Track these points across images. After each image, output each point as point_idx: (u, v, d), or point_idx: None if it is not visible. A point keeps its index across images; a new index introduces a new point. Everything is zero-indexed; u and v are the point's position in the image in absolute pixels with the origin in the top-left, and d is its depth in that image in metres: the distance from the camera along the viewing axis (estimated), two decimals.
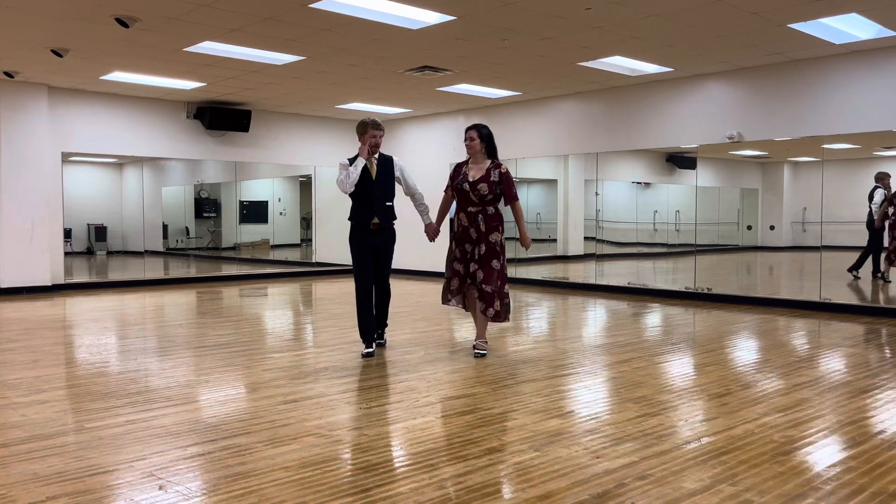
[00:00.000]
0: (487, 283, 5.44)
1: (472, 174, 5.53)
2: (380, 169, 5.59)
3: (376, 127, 5.52)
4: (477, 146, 5.53)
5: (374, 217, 5.54)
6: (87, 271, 13.47)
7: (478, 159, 5.57)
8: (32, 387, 4.70)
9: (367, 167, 5.51)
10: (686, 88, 9.58)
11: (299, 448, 3.44)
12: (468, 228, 5.50)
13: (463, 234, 5.54)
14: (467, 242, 5.53)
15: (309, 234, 14.07)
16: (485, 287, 5.44)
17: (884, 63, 7.93)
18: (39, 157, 10.08)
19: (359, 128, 5.57)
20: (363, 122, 5.55)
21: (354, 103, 11.55)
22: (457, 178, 5.58)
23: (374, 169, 5.56)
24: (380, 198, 5.56)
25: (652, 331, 7.31)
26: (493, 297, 5.45)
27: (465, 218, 5.52)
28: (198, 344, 6.32)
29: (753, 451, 3.38)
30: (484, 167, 5.53)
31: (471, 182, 5.48)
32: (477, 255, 5.48)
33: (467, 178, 5.51)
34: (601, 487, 2.94)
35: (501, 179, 5.50)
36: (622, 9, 6.51)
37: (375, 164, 5.57)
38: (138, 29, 7.10)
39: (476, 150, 5.55)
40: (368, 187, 5.52)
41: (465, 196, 5.52)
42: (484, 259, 5.47)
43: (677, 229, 11.85)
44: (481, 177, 5.48)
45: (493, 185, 5.47)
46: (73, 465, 3.22)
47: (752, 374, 5.13)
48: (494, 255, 5.48)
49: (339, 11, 6.61)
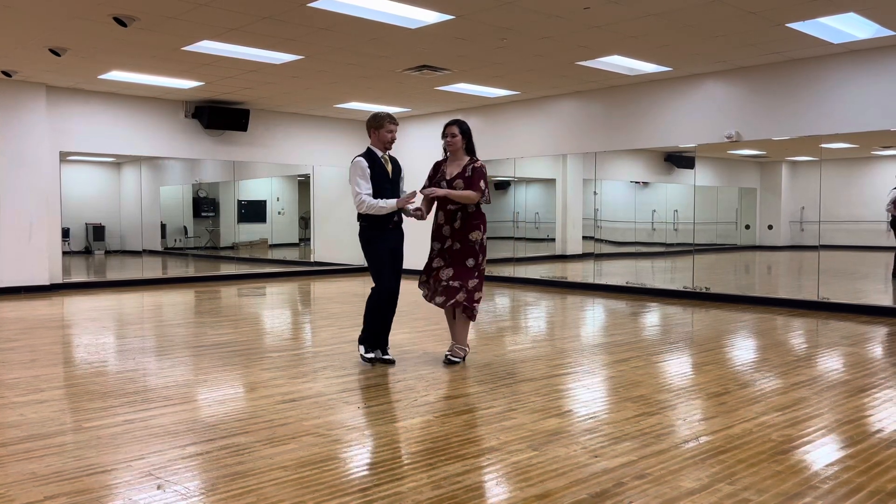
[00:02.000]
0: (455, 279, 5.23)
1: (449, 171, 5.33)
2: (394, 167, 5.40)
3: (393, 121, 5.27)
4: (458, 142, 5.30)
5: (395, 215, 5.28)
6: (86, 271, 13.46)
7: (458, 156, 5.36)
8: (30, 386, 4.69)
9: (383, 164, 5.31)
10: (684, 88, 9.59)
11: (298, 447, 3.44)
12: (442, 226, 5.33)
13: (436, 232, 5.37)
14: (436, 241, 5.37)
15: (307, 234, 14.07)
16: (451, 283, 5.24)
17: (882, 62, 7.94)
18: (37, 157, 10.07)
19: (372, 121, 5.25)
20: (377, 115, 5.24)
21: (353, 103, 11.55)
22: (435, 176, 5.39)
23: (390, 166, 5.35)
24: (394, 196, 5.30)
25: (650, 330, 7.31)
26: (456, 290, 5.23)
27: (443, 216, 5.33)
28: (196, 343, 6.31)
29: (751, 451, 3.39)
30: (462, 164, 5.32)
31: (448, 180, 5.28)
32: (447, 255, 5.32)
33: (445, 176, 5.33)
34: (599, 486, 2.94)
35: (472, 172, 5.25)
36: (620, 8, 6.51)
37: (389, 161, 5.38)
38: (136, 28, 7.09)
39: (457, 147, 5.32)
40: (384, 185, 5.26)
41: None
42: (457, 257, 5.27)
43: (675, 229, 11.86)
44: (458, 174, 5.28)
45: (468, 181, 5.25)
46: (71, 464, 3.21)
47: (750, 374, 5.14)
48: (472, 254, 5.26)
49: (337, 11, 6.60)
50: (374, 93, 10.69)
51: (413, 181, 5.73)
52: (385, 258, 5.28)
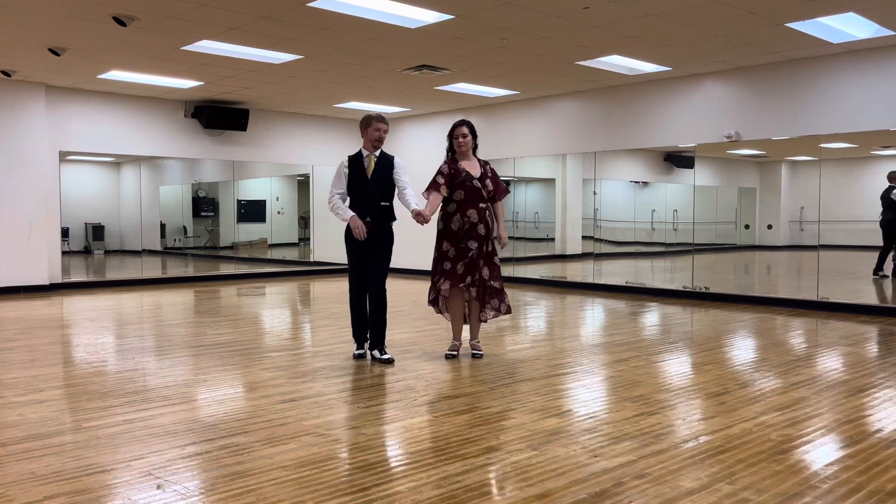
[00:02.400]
0: (496, 280, 5.51)
1: (472, 171, 5.46)
2: (379, 167, 5.43)
3: (381, 120, 5.41)
4: (470, 142, 5.49)
5: (367, 216, 5.35)
6: (85, 270, 13.45)
7: (468, 156, 5.51)
8: (30, 386, 4.69)
9: (364, 164, 5.41)
10: (684, 88, 9.59)
11: (297, 447, 3.44)
12: (477, 225, 5.40)
13: (470, 231, 5.40)
14: (472, 240, 5.40)
15: (307, 234, 14.06)
16: (494, 283, 5.49)
17: (881, 62, 7.94)
18: (37, 156, 10.06)
19: (362, 122, 5.46)
20: (367, 115, 5.48)
21: (352, 102, 11.54)
22: (458, 177, 5.41)
23: (372, 167, 5.41)
24: (373, 196, 5.38)
25: (650, 330, 7.31)
26: (501, 291, 5.54)
27: (476, 214, 5.39)
28: (195, 343, 6.31)
29: (751, 450, 3.39)
30: (476, 164, 5.52)
31: (477, 178, 5.44)
32: (485, 252, 5.46)
33: (471, 175, 5.43)
34: (599, 486, 2.94)
35: (493, 173, 5.55)
36: (620, 8, 6.51)
37: (374, 161, 5.43)
38: (136, 28, 7.09)
39: (469, 147, 5.50)
40: (362, 185, 5.40)
41: (476, 193, 5.41)
42: (491, 256, 5.49)
43: (675, 228, 11.86)
44: (482, 174, 5.48)
45: (494, 181, 5.51)
46: (70, 464, 3.21)
47: (749, 373, 5.14)
48: (496, 252, 5.56)
49: (337, 10, 6.60)
50: (373, 92, 10.69)
51: (414, 180, 5.67)
52: (349, 256, 5.51)
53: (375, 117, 5.42)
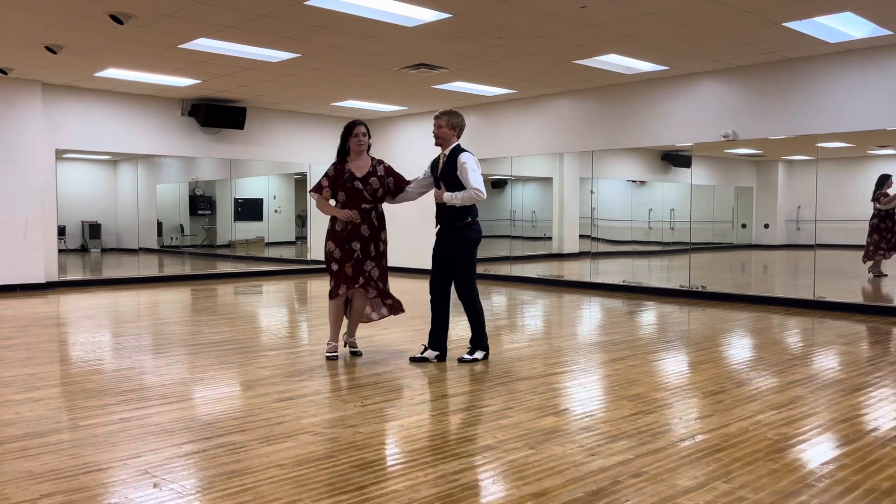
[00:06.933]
0: (384, 282, 5.52)
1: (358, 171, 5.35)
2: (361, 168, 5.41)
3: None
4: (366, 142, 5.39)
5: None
6: (82, 269, 13.43)
7: (363, 155, 5.40)
8: (26, 384, 4.68)
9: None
10: (681, 87, 9.59)
11: (294, 445, 3.44)
12: (360, 226, 5.34)
13: (353, 233, 5.33)
14: (356, 241, 5.34)
15: (304, 232, 14.05)
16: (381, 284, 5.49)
17: (878, 62, 7.96)
18: (33, 154, 10.04)
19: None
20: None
21: (349, 101, 11.54)
22: (341, 177, 5.33)
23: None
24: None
25: (647, 329, 7.32)
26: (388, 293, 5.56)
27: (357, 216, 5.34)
28: (192, 342, 6.30)
29: (748, 449, 3.39)
30: (366, 163, 5.40)
31: (362, 178, 5.34)
32: (372, 252, 5.40)
33: (354, 175, 5.34)
34: (596, 485, 2.95)
35: (387, 172, 5.46)
36: (617, 7, 6.51)
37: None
38: (133, 25, 7.08)
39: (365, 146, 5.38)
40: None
41: (357, 194, 5.33)
42: (380, 257, 5.45)
43: (672, 227, 11.87)
44: (368, 172, 5.36)
45: (380, 179, 5.40)
46: (67, 462, 3.21)
47: (746, 372, 5.15)
48: (385, 255, 5.52)
49: (334, 9, 6.59)
50: (370, 91, 10.68)
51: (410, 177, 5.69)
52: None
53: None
